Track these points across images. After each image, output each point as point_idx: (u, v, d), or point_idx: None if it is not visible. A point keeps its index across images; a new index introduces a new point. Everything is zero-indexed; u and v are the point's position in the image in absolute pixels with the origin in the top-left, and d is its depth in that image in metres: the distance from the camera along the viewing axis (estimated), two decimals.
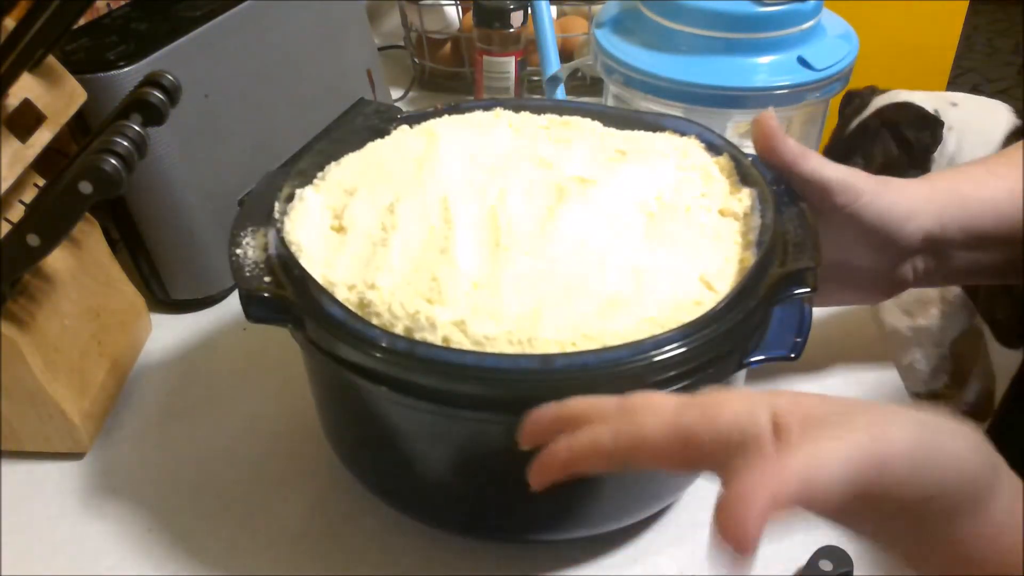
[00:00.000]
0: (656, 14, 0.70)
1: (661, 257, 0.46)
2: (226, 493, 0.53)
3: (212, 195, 0.65)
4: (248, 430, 0.57)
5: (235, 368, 0.62)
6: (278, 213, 0.49)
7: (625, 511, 0.48)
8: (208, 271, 0.66)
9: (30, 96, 0.51)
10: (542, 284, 0.44)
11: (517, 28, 0.82)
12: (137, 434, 0.57)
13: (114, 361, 0.59)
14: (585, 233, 0.47)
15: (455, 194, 0.50)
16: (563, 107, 0.59)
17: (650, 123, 0.57)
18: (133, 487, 0.54)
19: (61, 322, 0.54)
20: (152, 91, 0.50)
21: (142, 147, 0.46)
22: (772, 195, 0.49)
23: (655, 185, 0.51)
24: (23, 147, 0.50)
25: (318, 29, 0.75)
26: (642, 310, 0.43)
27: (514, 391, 0.40)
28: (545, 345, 0.41)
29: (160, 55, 0.60)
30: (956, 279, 0.57)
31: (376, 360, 0.41)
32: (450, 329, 0.41)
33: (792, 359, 0.44)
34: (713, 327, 0.41)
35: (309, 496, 0.53)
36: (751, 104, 0.67)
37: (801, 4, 0.67)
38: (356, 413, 0.47)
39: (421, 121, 0.58)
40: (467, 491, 0.47)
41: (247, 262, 0.46)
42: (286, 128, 0.71)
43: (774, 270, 0.45)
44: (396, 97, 0.95)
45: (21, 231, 0.48)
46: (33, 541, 0.51)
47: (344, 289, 0.44)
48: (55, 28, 0.48)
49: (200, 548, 0.50)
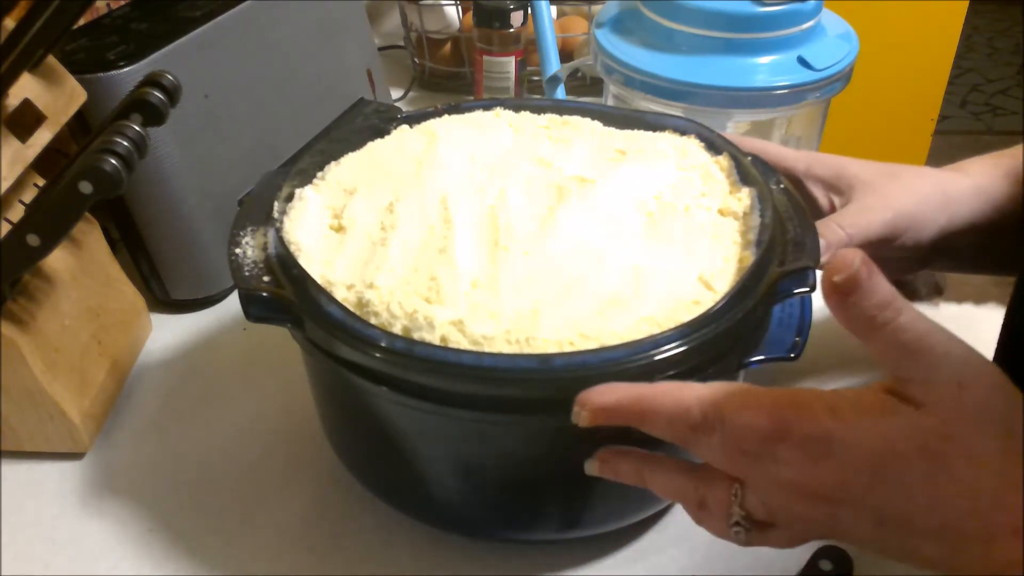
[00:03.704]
0: (656, 14, 0.70)
1: (660, 257, 0.46)
2: (226, 493, 0.53)
3: (212, 195, 0.65)
4: (248, 430, 0.57)
5: (235, 368, 0.62)
6: (277, 213, 0.49)
7: (625, 511, 0.48)
8: (208, 271, 0.66)
9: (30, 96, 0.51)
10: (541, 284, 0.44)
11: (517, 28, 0.82)
12: (137, 434, 0.57)
13: (114, 361, 0.59)
14: (584, 233, 0.47)
15: (455, 194, 0.50)
16: (563, 107, 0.59)
17: (650, 123, 0.57)
18: (133, 487, 0.54)
19: (61, 322, 0.55)
20: (152, 91, 0.50)
21: (142, 147, 0.46)
22: (771, 194, 0.49)
23: (655, 185, 0.51)
24: (23, 147, 0.50)
25: (318, 29, 0.75)
26: (641, 310, 0.43)
27: (512, 391, 0.40)
28: (544, 345, 0.41)
29: (160, 55, 0.61)
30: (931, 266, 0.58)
31: (374, 360, 0.41)
32: (448, 329, 0.41)
33: (792, 359, 0.44)
34: (712, 327, 0.41)
35: (309, 496, 0.53)
36: (751, 104, 0.67)
37: (801, 4, 0.67)
38: (355, 413, 0.47)
39: (421, 121, 0.58)
40: (467, 491, 0.47)
41: (246, 262, 0.46)
42: (286, 128, 0.71)
43: (773, 270, 0.45)
44: (396, 97, 0.95)
45: (21, 231, 0.48)
46: (33, 541, 0.51)
47: (343, 288, 0.44)
48: (55, 28, 0.48)
49: (200, 548, 0.50)
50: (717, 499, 0.37)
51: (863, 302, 0.33)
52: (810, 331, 0.45)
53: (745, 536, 0.37)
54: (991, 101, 2.87)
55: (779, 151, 0.56)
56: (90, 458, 0.56)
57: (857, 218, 0.52)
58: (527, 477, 0.45)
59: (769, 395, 0.36)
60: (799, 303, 0.47)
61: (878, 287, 0.33)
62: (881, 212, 0.52)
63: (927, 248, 0.54)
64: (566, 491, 0.46)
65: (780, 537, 0.37)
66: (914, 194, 0.53)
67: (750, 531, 0.37)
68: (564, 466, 0.44)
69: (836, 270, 0.33)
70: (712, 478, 0.38)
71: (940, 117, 1.79)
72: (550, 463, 0.45)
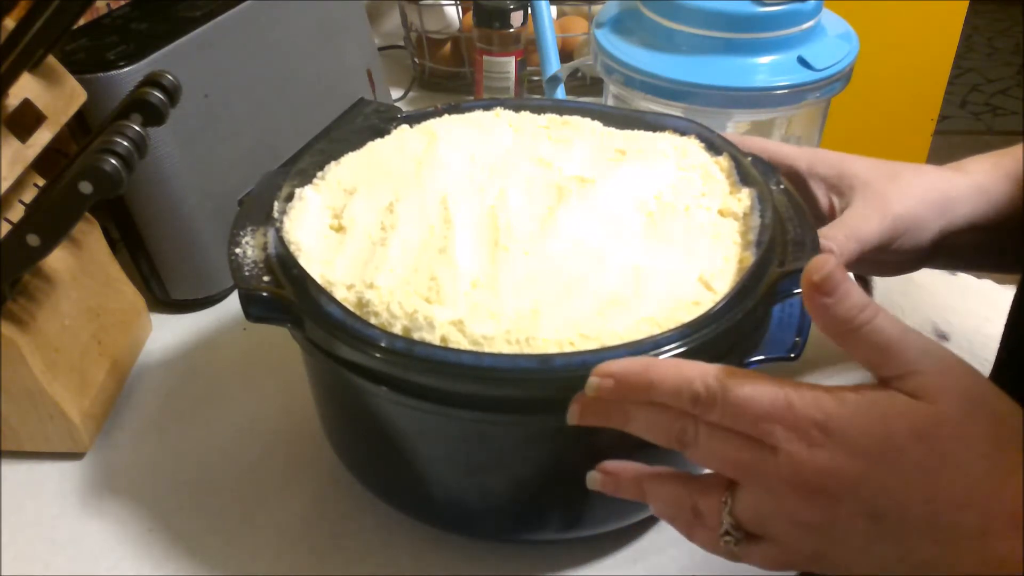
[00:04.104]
0: (656, 14, 0.70)
1: (660, 257, 0.46)
2: (226, 493, 0.53)
3: (212, 195, 0.65)
4: (248, 430, 0.57)
5: (235, 368, 0.62)
6: (277, 213, 0.49)
7: (625, 511, 0.48)
8: (208, 271, 0.66)
9: (30, 96, 0.51)
10: (541, 284, 0.44)
11: (517, 28, 0.82)
12: (137, 434, 0.57)
13: (114, 361, 0.59)
14: (584, 233, 0.47)
15: (455, 194, 0.50)
16: (563, 107, 0.59)
17: (650, 123, 0.57)
18: (133, 487, 0.54)
19: (61, 322, 0.55)
20: (152, 91, 0.50)
21: (142, 147, 0.46)
22: (771, 195, 0.49)
23: (654, 185, 0.51)
24: (23, 147, 0.50)
25: (318, 29, 0.75)
26: (641, 310, 0.43)
27: (512, 391, 0.40)
28: (543, 345, 0.41)
29: (160, 55, 0.61)
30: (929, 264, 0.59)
31: (374, 360, 0.41)
32: (448, 329, 0.41)
33: (792, 359, 0.44)
34: (712, 327, 0.41)
35: (309, 496, 0.53)
36: (751, 104, 0.67)
37: (801, 4, 0.67)
38: (355, 413, 0.47)
39: (421, 121, 0.58)
40: (467, 491, 0.47)
41: (246, 261, 0.46)
42: (286, 128, 0.71)
43: (773, 270, 0.45)
44: (396, 97, 0.95)
45: (21, 231, 0.48)
46: (33, 541, 0.51)
47: (343, 288, 0.44)
48: (55, 28, 0.48)
49: (200, 548, 0.50)
50: (709, 507, 0.37)
51: (842, 303, 0.35)
52: (810, 331, 0.45)
53: (735, 547, 0.37)
54: (991, 101, 2.87)
55: (781, 148, 0.56)
56: (90, 458, 0.56)
57: (856, 228, 0.52)
58: (527, 477, 0.45)
59: (772, 377, 0.36)
60: (799, 303, 0.47)
61: (853, 289, 0.35)
62: (879, 220, 0.52)
63: (927, 248, 0.54)
64: (566, 491, 0.46)
65: (768, 552, 0.37)
66: (913, 196, 0.53)
67: (740, 542, 0.37)
68: (564, 466, 0.44)
69: (814, 270, 0.35)
70: (706, 486, 0.38)
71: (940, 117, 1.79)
72: (550, 463, 0.45)
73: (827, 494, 0.34)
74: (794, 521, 0.35)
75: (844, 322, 0.35)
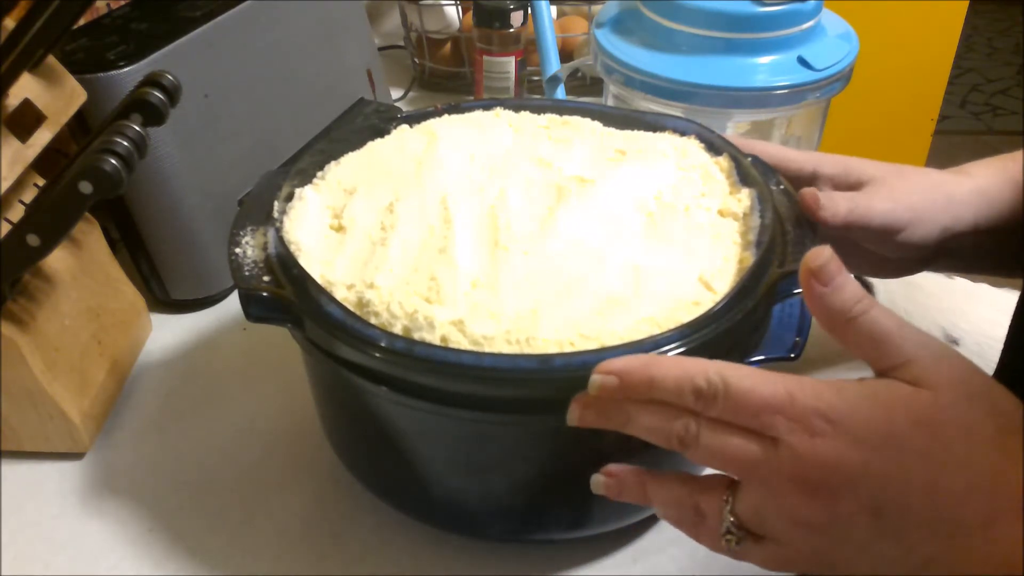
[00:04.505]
0: (656, 14, 0.70)
1: (660, 257, 0.46)
2: (226, 493, 0.53)
3: (212, 195, 0.65)
4: (248, 430, 0.57)
5: (235, 368, 0.62)
6: (277, 212, 0.49)
7: (625, 511, 0.48)
8: (208, 271, 0.66)
9: (30, 96, 0.51)
10: (541, 284, 0.44)
11: (517, 28, 0.82)
12: (137, 434, 0.57)
13: (114, 361, 0.59)
14: (584, 233, 0.47)
15: (455, 194, 0.50)
16: (563, 107, 0.59)
17: (650, 123, 0.57)
18: (133, 487, 0.54)
19: (61, 322, 0.55)
20: (152, 91, 0.50)
21: (142, 147, 0.46)
22: (771, 195, 0.49)
23: (654, 185, 0.51)
24: (23, 147, 0.50)
25: (318, 29, 0.75)
26: (641, 310, 0.43)
27: (512, 391, 0.40)
28: (543, 345, 0.41)
29: (160, 55, 0.61)
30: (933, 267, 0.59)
31: (374, 360, 0.41)
32: (448, 329, 0.41)
33: (792, 359, 0.44)
34: (712, 327, 0.41)
35: (309, 496, 0.53)
36: (751, 104, 0.67)
37: (801, 4, 0.67)
38: (355, 413, 0.47)
39: (421, 121, 0.58)
40: (467, 491, 0.47)
41: (246, 261, 0.46)
42: (286, 128, 0.71)
43: (773, 270, 0.45)
44: (396, 97, 0.95)
45: (21, 231, 0.48)
46: (33, 541, 0.51)
47: (343, 288, 0.44)
48: (55, 28, 0.48)
49: (200, 548, 0.50)
50: (710, 506, 0.37)
51: (838, 293, 0.35)
52: (810, 331, 0.45)
53: (736, 546, 0.37)
54: (991, 101, 2.87)
55: (784, 154, 0.56)
56: (90, 458, 0.56)
57: (860, 199, 0.52)
58: (527, 477, 0.45)
59: (773, 372, 0.36)
60: (799, 303, 0.47)
61: (849, 281, 0.36)
62: (884, 201, 0.52)
63: (931, 248, 0.54)
64: (566, 491, 0.46)
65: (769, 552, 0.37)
66: (918, 192, 0.53)
67: (741, 541, 0.37)
68: (564, 466, 0.44)
69: (812, 259, 0.36)
70: (707, 486, 0.38)
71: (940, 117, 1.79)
72: (550, 463, 0.45)
73: (828, 489, 0.34)
74: (795, 519, 0.35)
75: (840, 312, 0.35)
